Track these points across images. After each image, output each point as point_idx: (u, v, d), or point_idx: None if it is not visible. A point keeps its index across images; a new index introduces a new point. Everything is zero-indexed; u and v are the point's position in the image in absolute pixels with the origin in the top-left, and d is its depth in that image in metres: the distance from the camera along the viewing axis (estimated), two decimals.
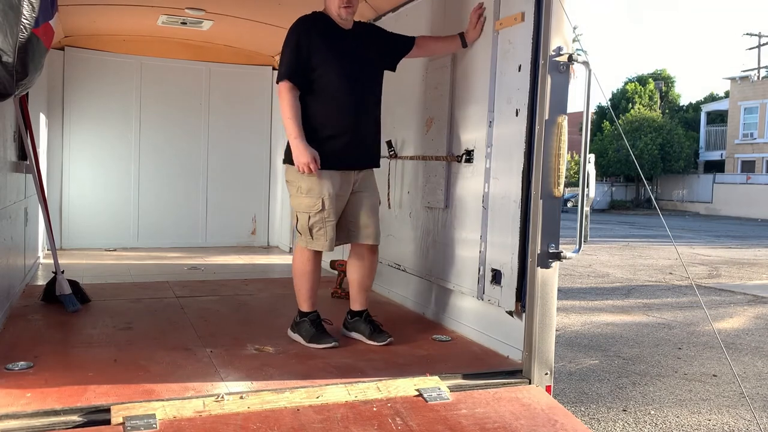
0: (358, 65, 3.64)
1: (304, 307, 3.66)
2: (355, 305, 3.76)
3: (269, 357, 3.37)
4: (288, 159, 3.61)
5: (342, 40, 3.60)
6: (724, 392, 5.16)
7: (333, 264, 5.01)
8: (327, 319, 3.75)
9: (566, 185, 3.16)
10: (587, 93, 3.08)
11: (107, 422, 2.49)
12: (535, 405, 2.90)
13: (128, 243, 7.29)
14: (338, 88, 3.54)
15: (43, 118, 6.32)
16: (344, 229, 3.70)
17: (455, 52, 4.00)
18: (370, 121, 3.72)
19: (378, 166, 3.84)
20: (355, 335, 3.71)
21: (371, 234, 3.72)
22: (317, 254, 3.66)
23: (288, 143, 3.65)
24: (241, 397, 2.72)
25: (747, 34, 46.96)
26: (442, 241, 4.13)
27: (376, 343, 3.59)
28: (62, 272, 4.34)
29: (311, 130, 3.49)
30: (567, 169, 3.16)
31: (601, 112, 36.08)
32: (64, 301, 4.23)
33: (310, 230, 3.54)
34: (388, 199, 4.81)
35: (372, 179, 3.79)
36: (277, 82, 3.53)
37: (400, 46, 3.91)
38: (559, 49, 3.07)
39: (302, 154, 3.42)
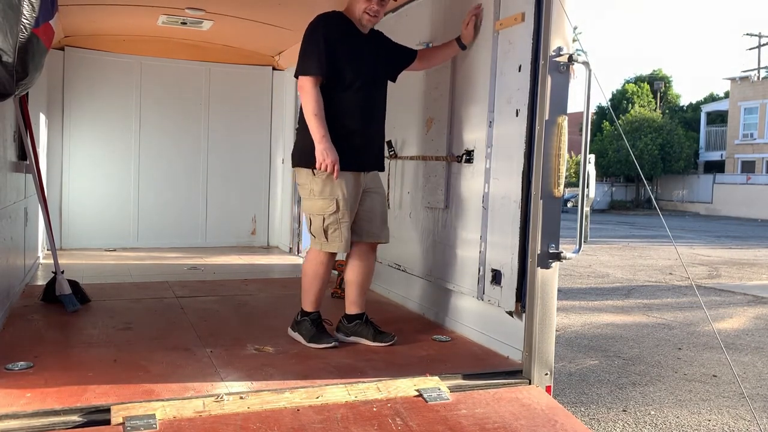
0: (374, 70, 3.66)
1: (309, 308, 3.63)
2: (355, 308, 3.71)
3: (269, 357, 3.37)
4: (299, 162, 3.55)
5: (361, 43, 3.62)
6: (724, 393, 5.16)
7: (333, 264, 5.00)
8: (327, 319, 3.73)
9: (566, 185, 3.16)
10: (587, 93, 3.08)
11: (107, 422, 2.49)
12: (535, 405, 2.90)
13: (128, 243, 7.29)
14: (355, 90, 3.53)
15: (43, 118, 6.32)
16: (359, 229, 3.66)
17: (456, 56, 4.01)
18: (380, 124, 3.74)
19: (383, 169, 3.83)
20: (354, 339, 3.66)
21: (387, 234, 3.79)
22: (331, 257, 3.63)
23: (295, 146, 3.62)
24: (241, 398, 2.72)
25: (747, 34, 46.98)
26: (442, 241, 4.13)
27: (382, 344, 3.58)
28: (62, 272, 4.34)
29: (329, 131, 3.43)
30: (567, 170, 3.16)
31: (600, 112, 36.08)
32: (63, 301, 4.23)
33: (325, 232, 3.50)
34: (388, 200, 4.80)
35: (379, 179, 3.81)
36: (299, 76, 3.44)
37: (404, 57, 3.91)
38: (560, 49, 3.07)
39: (329, 152, 3.36)
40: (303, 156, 3.51)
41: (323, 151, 3.36)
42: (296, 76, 3.48)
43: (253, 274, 5.96)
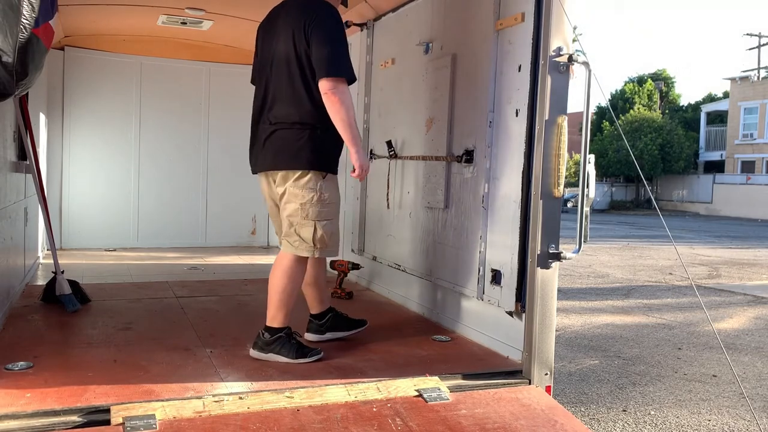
0: None
1: (282, 323, 3.31)
2: (322, 306, 3.64)
3: None
4: (310, 164, 3.23)
5: None
6: (724, 393, 5.16)
7: (333, 264, 5.01)
8: (297, 331, 3.43)
9: (566, 185, 3.16)
10: (587, 93, 3.08)
11: (107, 422, 2.49)
12: (535, 405, 2.90)
13: (128, 243, 7.29)
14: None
15: (42, 118, 6.32)
16: None
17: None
18: None
19: None
20: (330, 335, 3.62)
21: None
22: (304, 265, 3.43)
23: (297, 145, 3.25)
24: (241, 398, 2.72)
25: (747, 34, 46.99)
26: (441, 241, 4.13)
27: (360, 329, 3.65)
28: (62, 272, 4.34)
29: (334, 135, 3.23)
30: (567, 170, 3.16)
31: (600, 112, 36.09)
32: (63, 301, 4.23)
33: (329, 238, 3.31)
34: (387, 199, 4.81)
35: None
36: (334, 77, 3.11)
37: None
38: (559, 49, 3.07)
39: (366, 161, 3.22)
40: (316, 158, 3.24)
41: (364, 159, 3.20)
42: (328, 76, 3.12)
43: (253, 274, 5.96)
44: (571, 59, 3.07)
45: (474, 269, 3.73)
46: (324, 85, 3.13)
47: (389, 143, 4.74)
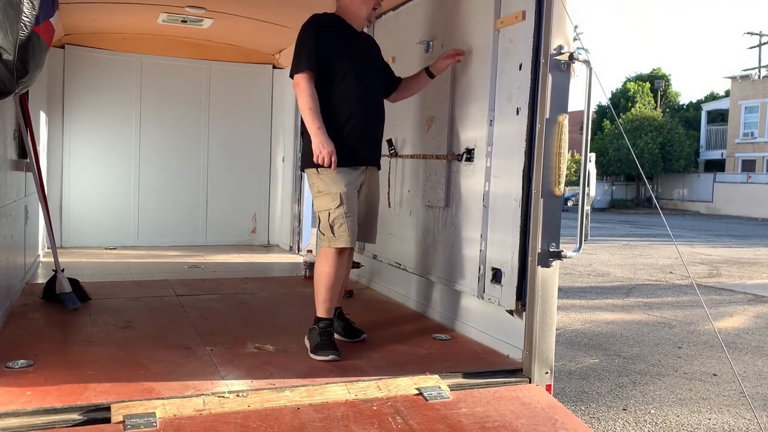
0: (371, 66, 3.70)
1: (320, 313, 3.50)
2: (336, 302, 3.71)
3: (269, 355, 3.37)
4: (307, 163, 3.53)
5: (357, 41, 3.66)
6: (725, 391, 5.16)
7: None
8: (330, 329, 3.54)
9: (567, 184, 3.15)
10: (588, 92, 3.07)
11: (107, 420, 2.49)
12: (535, 404, 2.90)
13: (128, 241, 7.30)
14: (354, 86, 3.53)
15: (43, 116, 6.32)
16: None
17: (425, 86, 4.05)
18: (380, 120, 3.73)
19: (380, 167, 3.81)
20: None
21: (374, 234, 3.78)
22: (338, 256, 3.51)
23: (303, 149, 3.60)
24: (240, 396, 2.72)
25: (748, 33, 46.99)
26: (442, 239, 4.12)
27: (350, 341, 3.64)
28: (62, 270, 4.35)
29: (327, 127, 3.43)
30: (567, 168, 3.15)
31: (601, 111, 36.07)
32: (64, 299, 4.23)
33: (332, 228, 3.45)
34: (388, 198, 4.80)
35: (376, 178, 3.78)
36: (293, 75, 3.48)
37: (391, 80, 3.97)
38: (560, 47, 3.07)
39: (325, 144, 3.36)
40: (310, 157, 3.49)
41: (319, 144, 3.37)
42: (291, 76, 3.51)
43: (253, 273, 5.96)
44: (572, 57, 3.07)
45: (474, 268, 3.73)
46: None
47: (390, 142, 4.73)
